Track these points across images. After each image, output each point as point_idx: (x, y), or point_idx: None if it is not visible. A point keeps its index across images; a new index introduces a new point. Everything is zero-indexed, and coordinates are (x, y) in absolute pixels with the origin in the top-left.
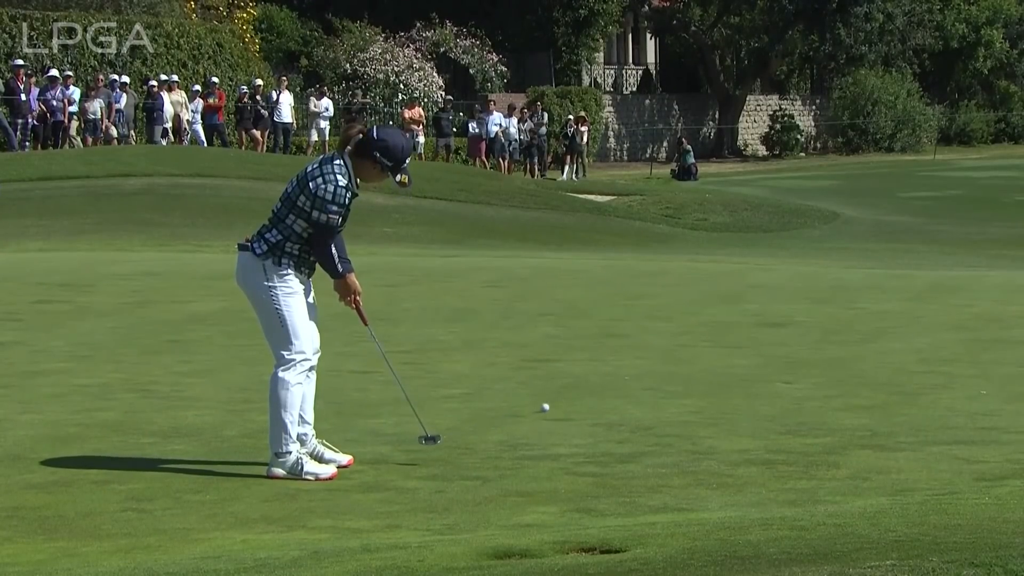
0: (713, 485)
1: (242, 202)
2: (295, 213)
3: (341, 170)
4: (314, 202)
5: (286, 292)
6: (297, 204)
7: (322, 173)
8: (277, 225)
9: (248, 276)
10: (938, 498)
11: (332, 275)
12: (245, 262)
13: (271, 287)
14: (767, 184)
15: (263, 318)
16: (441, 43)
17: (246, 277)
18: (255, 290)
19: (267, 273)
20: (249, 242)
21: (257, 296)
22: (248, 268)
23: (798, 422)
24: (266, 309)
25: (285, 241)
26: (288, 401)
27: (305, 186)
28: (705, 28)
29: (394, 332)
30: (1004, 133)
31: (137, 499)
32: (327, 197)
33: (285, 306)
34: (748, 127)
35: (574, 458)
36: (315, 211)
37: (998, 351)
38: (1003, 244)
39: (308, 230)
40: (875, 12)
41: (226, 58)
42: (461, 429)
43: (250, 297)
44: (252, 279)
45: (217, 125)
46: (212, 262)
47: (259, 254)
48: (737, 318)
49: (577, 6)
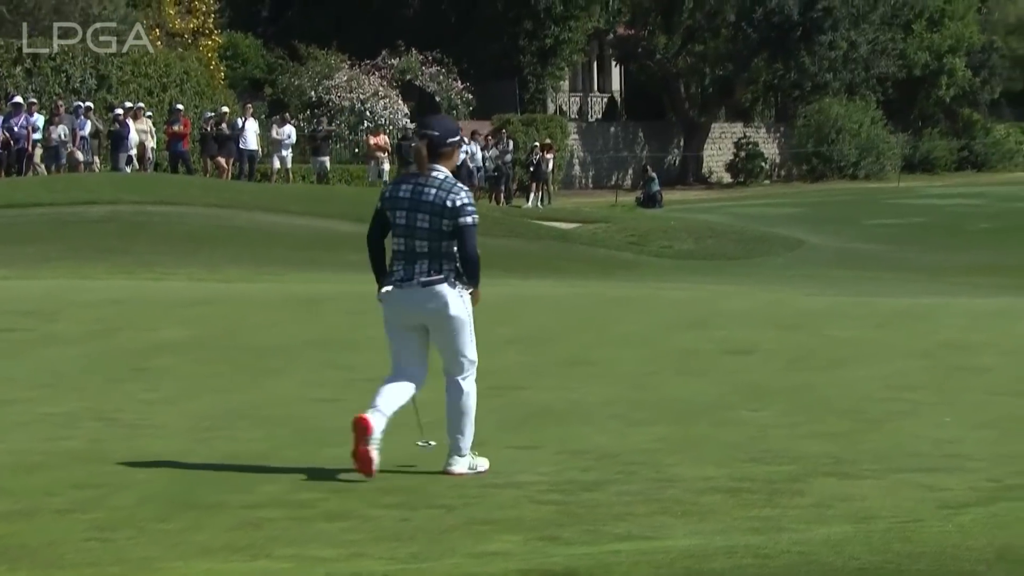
0: (678, 513)
1: (207, 230)
2: (446, 239)
3: (450, 178)
4: (457, 211)
5: (471, 311)
6: (443, 230)
7: (447, 191)
8: (441, 257)
9: (443, 307)
10: (902, 525)
11: (475, 283)
12: (439, 292)
13: (465, 309)
14: (732, 211)
15: (450, 339)
16: (407, 71)
17: (439, 308)
18: (448, 316)
19: (461, 297)
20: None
21: (450, 323)
22: (443, 298)
23: (763, 449)
24: (458, 331)
25: (454, 264)
26: (473, 406)
27: (442, 210)
28: (670, 56)
29: (360, 359)
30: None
31: (100, 528)
32: (467, 200)
33: (471, 323)
34: (713, 154)
35: (539, 486)
36: (462, 218)
37: (962, 378)
38: (967, 271)
39: (454, 245)
40: (839, 41)
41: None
42: (427, 456)
43: (437, 326)
44: (448, 308)
45: (182, 152)
46: (178, 290)
47: (451, 282)
48: (703, 345)
49: (543, 35)
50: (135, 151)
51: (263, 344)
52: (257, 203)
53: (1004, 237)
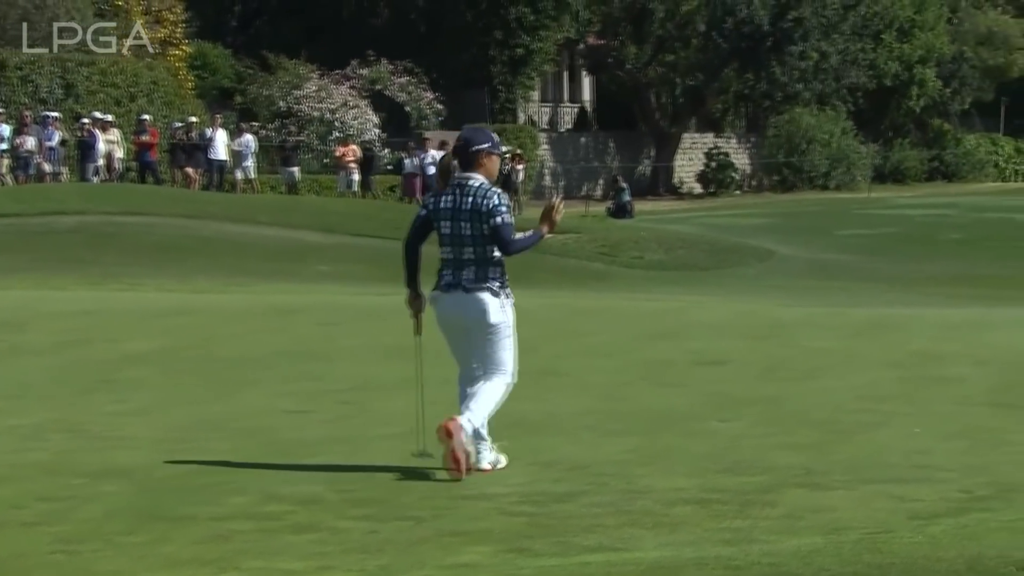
0: (648, 524)
1: (176, 240)
2: (489, 244)
3: (485, 184)
4: (491, 213)
5: (513, 322)
6: (485, 234)
7: (482, 196)
8: (488, 263)
9: (481, 314)
10: (872, 537)
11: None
12: (481, 299)
13: (506, 319)
14: (703, 222)
15: (488, 348)
16: (377, 81)
17: (478, 315)
18: (486, 325)
19: (505, 308)
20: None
21: (489, 330)
22: (483, 304)
23: (734, 460)
24: (497, 340)
25: (500, 271)
26: (497, 397)
27: (479, 216)
28: (640, 66)
29: (331, 371)
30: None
31: (67, 541)
32: (499, 201)
33: (512, 334)
34: (683, 165)
35: (509, 497)
36: (494, 218)
37: (933, 389)
38: (939, 282)
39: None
40: (809, 51)
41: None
42: (397, 468)
43: (476, 331)
44: (487, 316)
45: (150, 162)
46: (147, 301)
47: (494, 291)
48: (675, 356)
49: (513, 45)
50: (103, 161)
51: (233, 355)
52: (226, 213)
53: (975, 248)
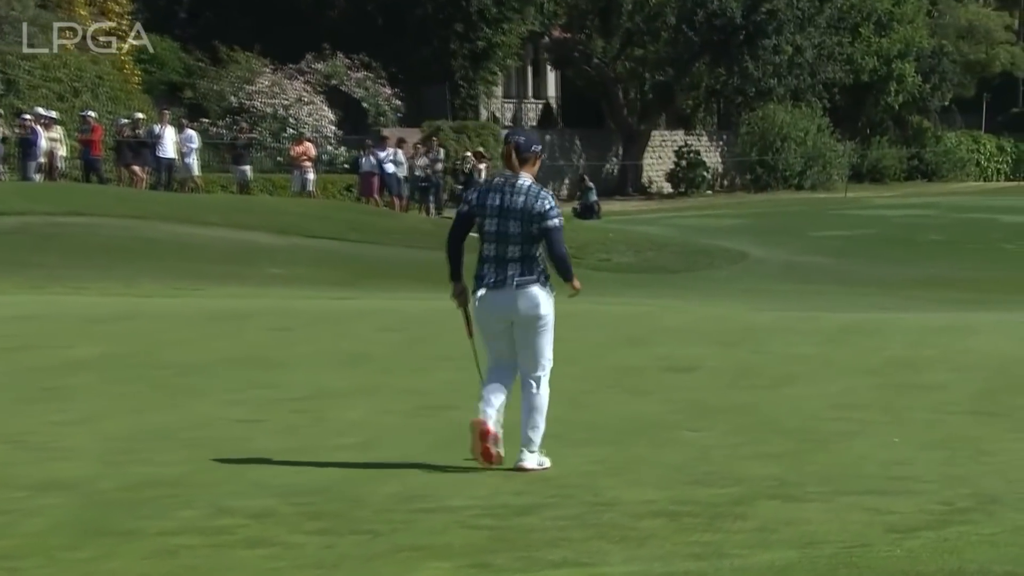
0: (615, 538)
1: (123, 241)
2: (535, 243)
3: (535, 185)
4: (544, 215)
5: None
6: (533, 234)
7: (534, 197)
8: (532, 260)
9: (534, 307)
10: (848, 551)
11: (567, 277)
12: (532, 293)
13: (552, 312)
14: (673, 223)
15: (535, 340)
16: (332, 75)
17: (530, 308)
18: (536, 318)
19: (550, 301)
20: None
21: (538, 322)
22: (535, 298)
23: (704, 471)
24: (544, 331)
25: (542, 266)
26: (546, 404)
27: (530, 216)
28: (608, 61)
29: (284, 378)
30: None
31: (8, 557)
32: (552, 204)
33: (553, 327)
34: (653, 163)
35: (470, 510)
36: (548, 221)
37: (911, 396)
38: (917, 285)
39: (539, 249)
40: (784, 45)
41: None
42: (353, 480)
43: (526, 324)
44: (539, 308)
45: (94, 161)
46: (91, 305)
47: (542, 283)
48: (644, 362)
49: (475, 38)
50: (44, 159)
51: (181, 362)
52: (175, 214)
53: (955, 249)
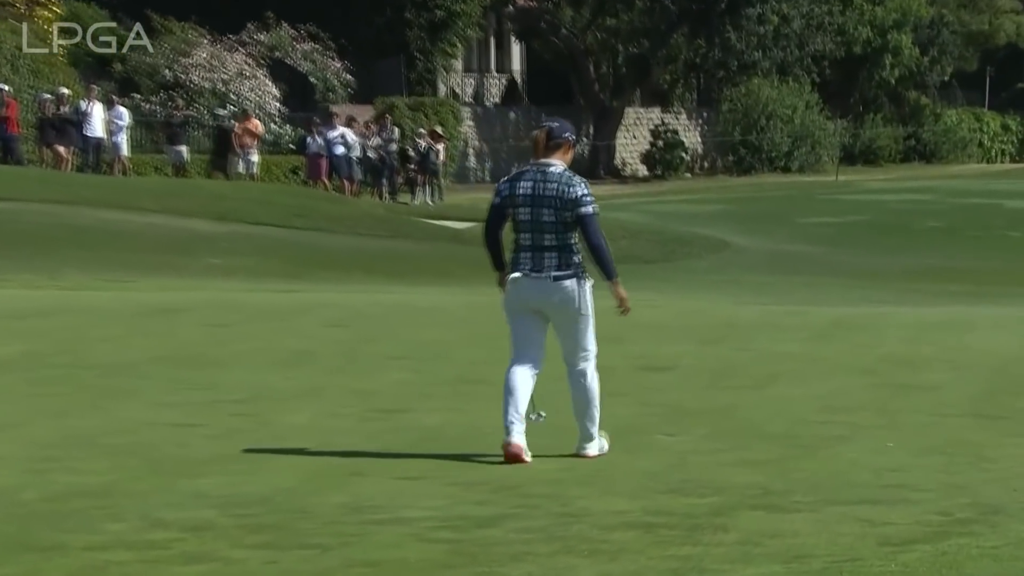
0: (584, 552)
1: (45, 229)
2: (570, 231)
3: (568, 171)
4: (578, 202)
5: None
6: (568, 221)
7: (567, 184)
8: (568, 250)
9: (570, 301)
10: (838, 565)
11: (610, 274)
12: (568, 288)
13: (590, 304)
14: (648, 209)
15: (575, 331)
16: (276, 47)
17: (567, 303)
18: (575, 310)
19: (588, 292)
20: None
21: (575, 314)
22: (571, 293)
23: (682, 479)
24: (584, 324)
25: (578, 257)
26: (598, 390)
27: (563, 203)
28: (578, 31)
29: (222, 379)
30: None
31: None
32: (586, 190)
33: (594, 318)
34: (627, 144)
35: (427, 522)
36: (582, 208)
37: (906, 398)
38: (914, 276)
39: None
40: (769, 14)
41: (26, 63)
42: (298, 490)
43: (563, 318)
44: (574, 303)
45: (9, 139)
46: (10, 299)
47: (579, 277)
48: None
49: (432, 6)
50: None
51: (110, 361)
52: (104, 199)
53: (955, 238)
